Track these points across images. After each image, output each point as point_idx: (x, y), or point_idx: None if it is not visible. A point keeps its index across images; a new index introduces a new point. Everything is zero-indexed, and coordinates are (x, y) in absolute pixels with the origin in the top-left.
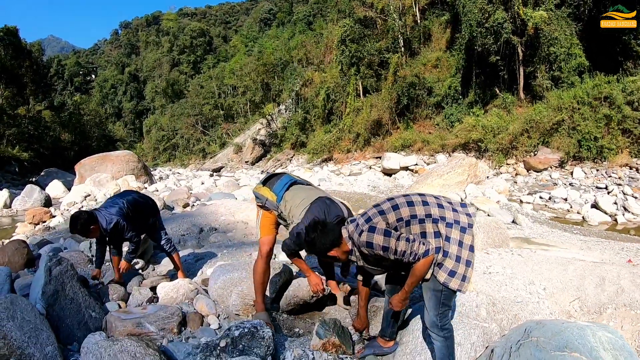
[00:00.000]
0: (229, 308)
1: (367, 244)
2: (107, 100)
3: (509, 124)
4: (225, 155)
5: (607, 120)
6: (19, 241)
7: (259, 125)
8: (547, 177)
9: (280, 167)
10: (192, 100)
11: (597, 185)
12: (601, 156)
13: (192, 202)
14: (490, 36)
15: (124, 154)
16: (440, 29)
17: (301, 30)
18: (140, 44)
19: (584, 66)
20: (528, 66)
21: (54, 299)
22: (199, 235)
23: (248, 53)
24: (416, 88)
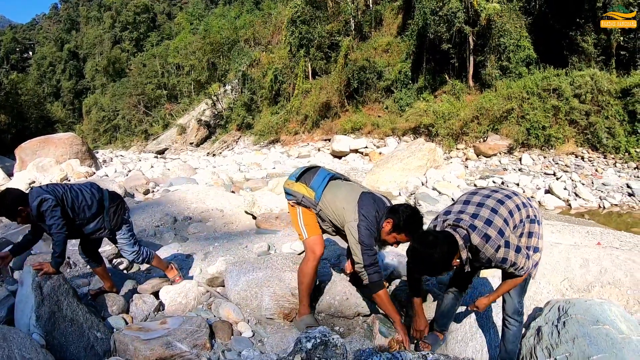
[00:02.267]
0: (260, 312)
1: (503, 260)
2: (44, 79)
3: (459, 110)
4: (169, 136)
5: (555, 111)
6: None
7: (204, 106)
8: (496, 162)
9: (227, 149)
10: (134, 80)
11: (546, 172)
12: (548, 144)
13: (151, 188)
14: (443, 24)
15: (67, 136)
16: (392, 14)
17: (249, 9)
18: (80, 19)
19: (532, 58)
20: (478, 55)
21: (52, 324)
22: (174, 226)
23: (193, 31)
24: (366, 72)
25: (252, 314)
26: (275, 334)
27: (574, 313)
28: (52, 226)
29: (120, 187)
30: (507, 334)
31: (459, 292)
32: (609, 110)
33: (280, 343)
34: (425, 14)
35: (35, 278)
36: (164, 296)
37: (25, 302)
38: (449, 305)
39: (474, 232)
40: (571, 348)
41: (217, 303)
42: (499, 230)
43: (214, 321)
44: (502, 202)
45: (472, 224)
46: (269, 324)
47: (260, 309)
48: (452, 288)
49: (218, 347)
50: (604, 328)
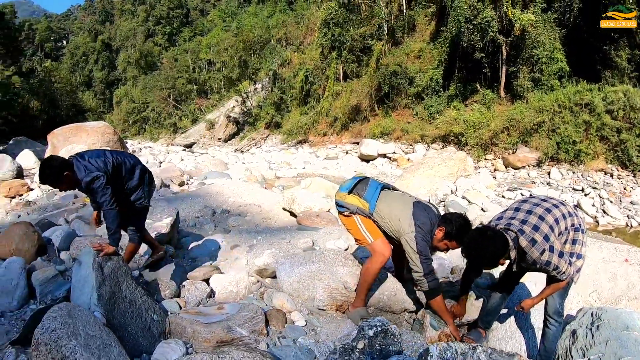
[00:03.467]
0: (312, 303)
1: (547, 262)
2: (77, 68)
3: (490, 121)
4: (197, 131)
5: (586, 126)
6: (27, 224)
7: (234, 103)
8: (525, 175)
9: (255, 147)
10: (165, 73)
11: (574, 187)
12: (578, 159)
13: (186, 180)
14: (476, 33)
15: (99, 125)
16: (425, 20)
17: (282, 9)
18: (115, 12)
19: (565, 71)
20: (511, 66)
21: (112, 304)
22: (213, 218)
23: (225, 28)
24: (398, 77)
25: (304, 305)
26: (329, 323)
27: (607, 319)
28: (104, 203)
29: (157, 177)
30: (547, 333)
31: (506, 292)
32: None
33: (334, 332)
34: (459, 21)
35: (96, 258)
36: (214, 284)
37: (84, 281)
38: (495, 304)
39: (522, 235)
40: (604, 349)
41: (270, 293)
42: (545, 236)
43: (268, 309)
44: (550, 210)
45: (521, 228)
46: (320, 314)
47: (313, 300)
48: (500, 288)
49: (273, 334)
50: (633, 334)
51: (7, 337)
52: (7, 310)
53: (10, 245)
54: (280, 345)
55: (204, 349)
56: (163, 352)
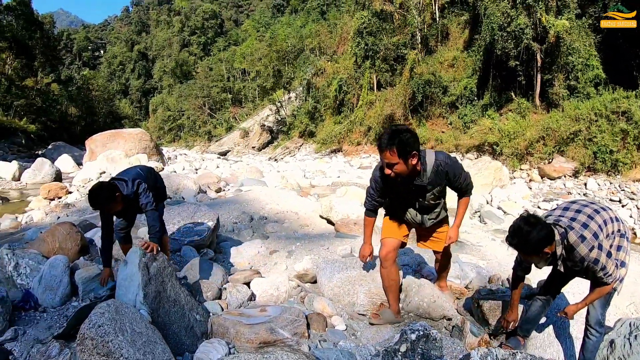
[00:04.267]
0: (352, 308)
1: (595, 261)
2: (114, 76)
3: (525, 130)
4: (232, 139)
5: (623, 135)
6: (70, 225)
7: (268, 112)
8: (561, 185)
9: (288, 155)
10: (200, 82)
11: (611, 198)
12: (615, 169)
13: (223, 186)
14: (511, 40)
15: (136, 131)
16: (459, 28)
17: (315, 19)
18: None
19: (601, 78)
20: (546, 73)
21: (157, 303)
22: (250, 224)
23: (259, 38)
24: (432, 86)
25: (345, 309)
26: (369, 328)
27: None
28: (147, 204)
29: (195, 183)
30: (587, 343)
31: (547, 300)
32: None
33: (375, 336)
34: (492, 29)
35: (142, 258)
36: (255, 287)
37: (130, 280)
38: (536, 312)
39: (572, 231)
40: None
41: (311, 297)
42: (594, 234)
43: (309, 313)
44: (598, 211)
45: (570, 224)
46: (360, 319)
47: (353, 305)
48: (542, 296)
49: (314, 337)
50: None
51: (50, 331)
52: (50, 307)
53: (54, 244)
54: (322, 348)
55: (247, 350)
56: (206, 351)
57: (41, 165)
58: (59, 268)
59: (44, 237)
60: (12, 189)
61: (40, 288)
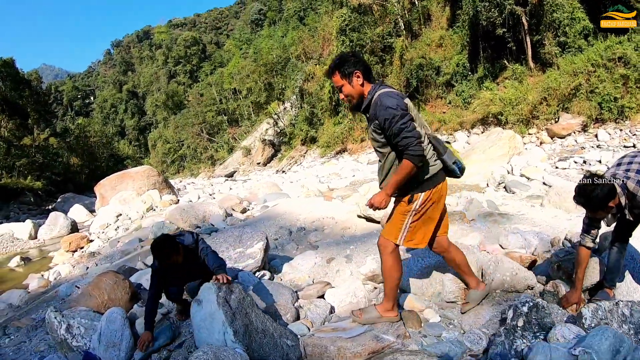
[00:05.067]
0: (440, 297)
1: None
2: (108, 120)
3: (526, 95)
4: (235, 159)
5: (624, 80)
6: (114, 273)
7: (266, 126)
8: (572, 142)
9: (295, 164)
10: (194, 109)
11: (625, 145)
12: (623, 116)
13: (246, 206)
14: (494, 9)
15: (143, 169)
16: (439, 8)
17: (294, 26)
18: (134, 60)
19: (589, 29)
20: (534, 35)
21: (248, 337)
22: (291, 237)
23: (243, 56)
24: (424, 69)
25: (431, 301)
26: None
27: None
28: (207, 247)
29: (221, 207)
30: None
31: (622, 246)
32: None
33: (475, 321)
34: (474, 2)
35: (219, 293)
36: (330, 298)
37: (211, 319)
38: (615, 260)
39: (628, 180)
40: None
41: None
42: None
43: (400, 312)
44: None
45: (626, 175)
46: (450, 307)
47: (437, 295)
48: (615, 242)
49: (414, 335)
50: None
51: None
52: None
53: (102, 297)
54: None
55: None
56: None
57: (55, 219)
58: (118, 322)
59: (88, 291)
60: (30, 248)
61: (102, 346)
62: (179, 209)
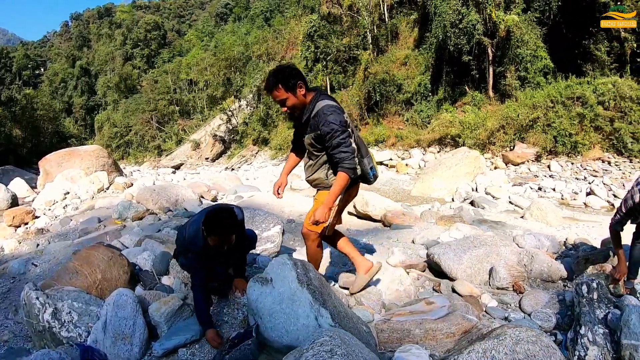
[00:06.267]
0: (492, 283)
1: None
2: (57, 95)
3: (485, 121)
4: (183, 152)
5: (580, 118)
6: (106, 247)
7: (219, 121)
8: (526, 170)
9: (245, 163)
10: (146, 96)
11: (576, 177)
12: (575, 151)
13: (216, 195)
14: (463, 37)
15: (93, 148)
16: (408, 28)
17: (259, 25)
18: (92, 37)
19: (549, 67)
20: (497, 66)
21: (339, 321)
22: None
23: (204, 48)
24: (386, 84)
25: (482, 288)
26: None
27: None
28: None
29: (195, 192)
30: None
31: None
32: (632, 115)
33: (536, 302)
34: (444, 27)
35: (298, 270)
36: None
37: (291, 302)
38: (638, 255)
39: None
40: None
41: (446, 283)
42: None
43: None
44: None
45: None
46: (502, 293)
47: (485, 283)
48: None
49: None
50: None
51: None
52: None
53: (94, 275)
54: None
55: (445, 345)
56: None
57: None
58: (129, 307)
59: (74, 267)
60: None
61: (108, 339)
62: (149, 189)
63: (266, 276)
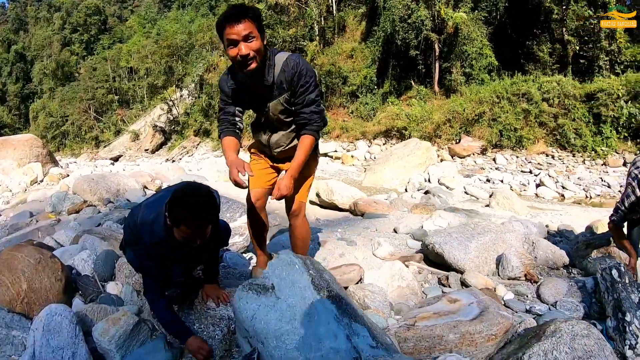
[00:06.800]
0: (502, 273)
1: None
2: None
3: (431, 114)
4: (121, 143)
5: (525, 114)
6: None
7: (159, 111)
8: (472, 162)
9: (186, 155)
10: (84, 84)
11: (522, 170)
12: (520, 145)
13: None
14: (411, 31)
15: (26, 137)
16: (355, 21)
17: (204, 14)
18: (29, 20)
19: (493, 65)
20: (443, 62)
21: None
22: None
23: (146, 35)
24: (332, 76)
25: (492, 278)
26: (543, 286)
27: None
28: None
29: (138, 182)
30: None
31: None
32: (575, 112)
33: (555, 292)
34: (393, 21)
35: (310, 271)
36: (383, 283)
37: (305, 317)
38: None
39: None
40: None
41: (454, 275)
42: None
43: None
44: None
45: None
46: (515, 283)
47: (502, 270)
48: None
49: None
50: None
51: None
52: None
53: (18, 284)
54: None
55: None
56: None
57: None
58: (65, 330)
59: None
60: None
61: None
62: (86, 179)
63: (264, 282)
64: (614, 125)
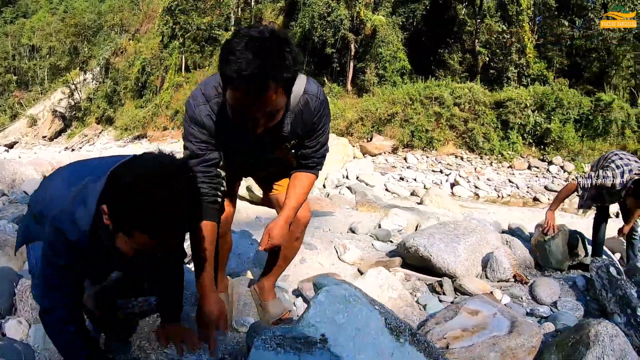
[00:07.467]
0: (494, 275)
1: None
2: None
3: (344, 112)
4: (18, 129)
5: (436, 117)
6: None
7: (60, 95)
8: (383, 160)
9: (87, 144)
10: None
11: (433, 170)
12: (430, 145)
13: None
14: (329, 29)
15: None
16: (273, 14)
17: None
18: None
19: (406, 69)
20: (358, 62)
21: None
22: None
23: (52, 11)
24: None
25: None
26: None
27: None
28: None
29: (37, 171)
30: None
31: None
32: (484, 118)
33: (550, 292)
34: (312, 17)
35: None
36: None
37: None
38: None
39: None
40: None
41: (448, 281)
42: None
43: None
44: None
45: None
46: (506, 285)
47: (491, 272)
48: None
49: None
50: None
51: None
52: None
53: None
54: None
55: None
56: None
57: None
58: None
59: None
60: None
61: None
62: None
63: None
64: (520, 132)
